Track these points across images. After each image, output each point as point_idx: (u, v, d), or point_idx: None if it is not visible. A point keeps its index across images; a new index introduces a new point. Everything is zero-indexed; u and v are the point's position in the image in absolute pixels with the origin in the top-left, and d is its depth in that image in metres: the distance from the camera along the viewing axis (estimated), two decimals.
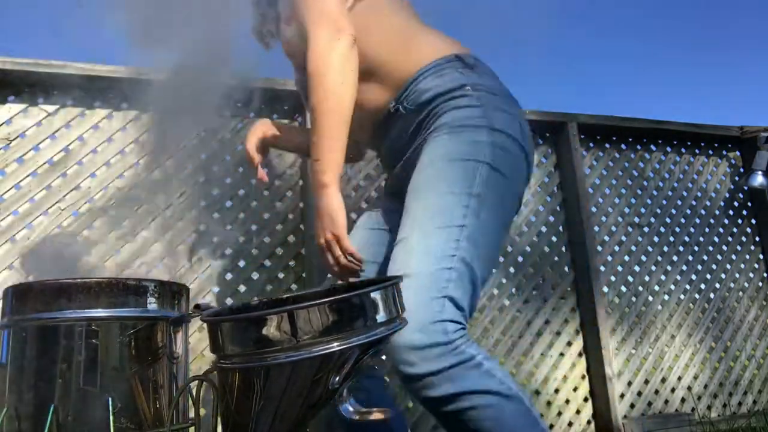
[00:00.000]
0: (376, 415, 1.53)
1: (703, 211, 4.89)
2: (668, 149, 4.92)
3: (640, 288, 4.47)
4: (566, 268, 4.29)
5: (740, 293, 4.80)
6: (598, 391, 4.06)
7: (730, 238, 4.91)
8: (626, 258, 4.49)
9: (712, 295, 4.69)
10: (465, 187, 1.83)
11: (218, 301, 3.38)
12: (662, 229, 4.69)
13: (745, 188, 5.06)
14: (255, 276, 3.49)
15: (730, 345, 4.61)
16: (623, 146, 4.75)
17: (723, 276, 4.77)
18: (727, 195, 5.03)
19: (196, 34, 2.37)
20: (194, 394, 1.75)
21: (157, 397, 1.73)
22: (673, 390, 4.34)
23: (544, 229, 4.31)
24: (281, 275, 3.56)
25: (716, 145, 5.09)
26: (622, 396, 4.14)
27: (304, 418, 1.49)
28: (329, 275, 2.16)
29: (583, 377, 4.12)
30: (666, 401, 4.29)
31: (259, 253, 3.53)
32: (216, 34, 2.42)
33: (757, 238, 5.00)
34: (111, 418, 1.60)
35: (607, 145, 4.68)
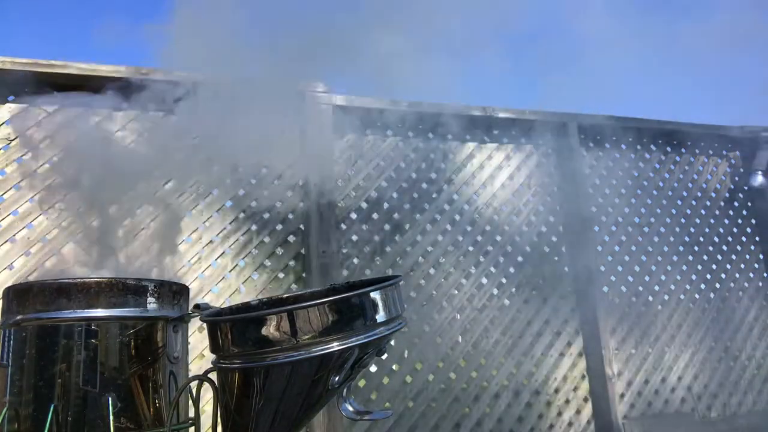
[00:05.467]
0: (376, 416, 1.54)
1: (703, 211, 4.89)
2: (668, 149, 4.92)
3: (640, 288, 4.47)
4: (566, 269, 4.29)
5: (740, 293, 4.80)
6: (598, 391, 4.06)
7: (730, 238, 4.91)
8: (626, 258, 4.49)
9: (712, 295, 4.69)
10: None
11: (218, 301, 3.38)
12: (662, 229, 4.69)
13: (745, 188, 5.06)
14: (255, 276, 3.50)
15: (730, 345, 4.61)
16: (623, 146, 4.75)
17: (723, 276, 4.77)
18: (727, 195, 5.03)
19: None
20: (194, 393, 1.75)
21: (157, 397, 1.73)
22: (673, 390, 4.34)
23: (544, 229, 4.31)
24: (281, 275, 3.56)
25: (716, 145, 5.09)
26: (622, 396, 4.14)
27: (304, 418, 1.49)
28: None
29: (583, 377, 4.12)
30: (666, 401, 4.29)
31: (259, 253, 3.53)
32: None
33: (757, 238, 5.00)
34: (111, 418, 1.60)
35: (607, 145, 4.68)
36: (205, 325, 2.04)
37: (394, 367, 3.69)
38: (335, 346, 1.38)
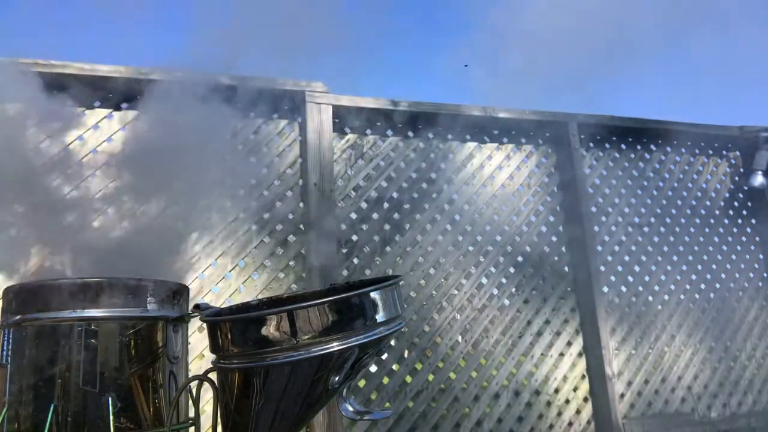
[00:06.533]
0: (376, 416, 1.54)
1: (703, 211, 4.89)
2: (668, 149, 4.92)
3: (640, 288, 4.47)
4: (566, 268, 4.29)
5: (740, 293, 4.80)
6: (598, 391, 4.06)
7: (730, 238, 4.91)
8: (626, 258, 4.49)
9: (712, 295, 4.69)
10: None
11: (218, 301, 3.38)
12: (662, 229, 4.69)
13: (745, 188, 5.06)
14: (255, 276, 3.50)
15: (730, 345, 4.61)
16: (623, 146, 4.75)
17: (723, 276, 4.77)
18: (727, 195, 5.03)
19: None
20: (194, 393, 1.75)
21: (157, 396, 1.73)
22: (673, 390, 4.34)
23: (544, 229, 4.31)
24: (281, 275, 3.56)
25: (716, 145, 5.09)
26: (622, 396, 4.14)
27: (304, 418, 1.49)
28: None
29: (583, 377, 4.12)
30: (666, 401, 4.29)
31: (259, 253, 3.53)
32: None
33: (757, 238, 5.00)
34: (111, 418, 1.61)
35: (607, 145, 4.68)
36: (205, 325, 2.04)
37: (394, 367, 3.69)
38: (335, 346, 1.39)
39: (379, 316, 1.45)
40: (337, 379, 1.42)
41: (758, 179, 4.90)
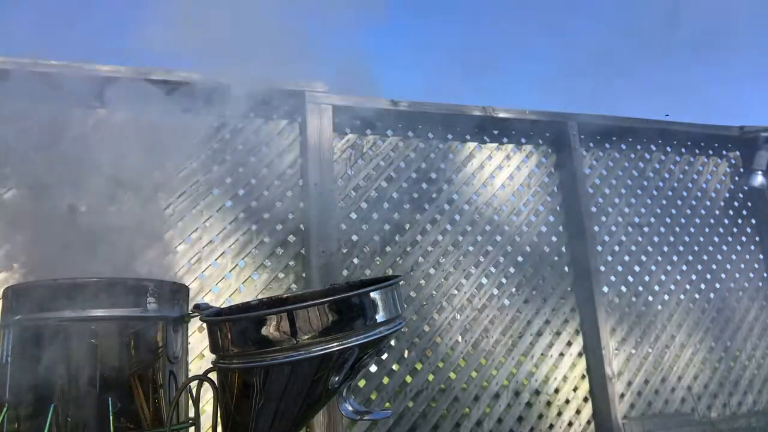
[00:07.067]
0: (376, 416, 1.54)
1: (703, 211, 4.89)
2: (668, 149, 4.92)
3: (640, 288, 4.47)
4: (566, 268, 4.29)
5: (740, 293, 4.80)
6: (598, 391, 4.06)
7: (730, 238, 4.91)
8: (626, 258, 4.49)
9: (712, 295, 4.68)
10: None
11: (218, 301, 3.38)
12: (662, 229, 4.69)
13: (745, 188, 5.06)
14: (255, 276, 3.50)
15: (730, 345, 4.61)
16: (623, 146, 4.75)
17: (723, 276, 4.77)
18: (727, 195, 5.03)
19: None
20: (194, 393, 1.75)
21: (157, 396, 1.73)
22: (673, 390, 4.34)
23: (544, 229, 4.31)
24: (281, 275, 3.56)
25: (716, 145, 5.09)
26: (622, 396, 4.14)
27: (304, 418, 1.49)
28: None
29: (583, 377, 4.12)
30: (666, 401, 4.29)
31: (259, 253, 3.53)
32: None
33: (757, 238, 5.00)
34: (111, 418, 1.61)
35: (607, 145, 4.68)
36: (205, 325, 2.04)
37: (394, 367, 3.69)
38: (335, 346, 1.39)
39: (379, 316, 1.45)
40: (337, 379, 1.42)
41: (758, 179, 4.91)
